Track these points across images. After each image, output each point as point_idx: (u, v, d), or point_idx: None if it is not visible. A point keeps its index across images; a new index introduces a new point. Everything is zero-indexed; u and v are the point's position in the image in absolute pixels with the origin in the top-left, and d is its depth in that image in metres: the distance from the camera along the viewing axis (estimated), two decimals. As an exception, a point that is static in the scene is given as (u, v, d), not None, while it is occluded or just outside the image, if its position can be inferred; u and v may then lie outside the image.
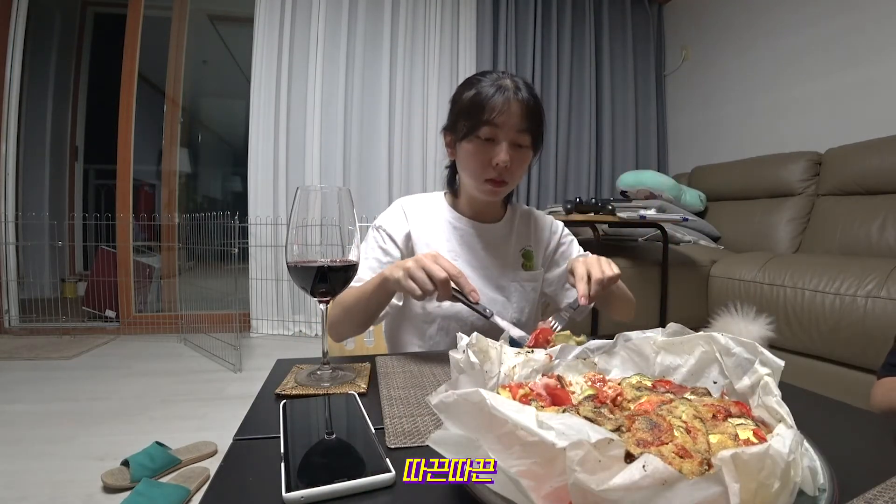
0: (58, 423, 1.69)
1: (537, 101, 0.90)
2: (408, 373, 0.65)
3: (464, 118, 0.89)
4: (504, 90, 0.86)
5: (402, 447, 0.44)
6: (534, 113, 0.88)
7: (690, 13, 3.43)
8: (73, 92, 4.03)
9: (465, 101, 0.89)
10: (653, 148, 3.57)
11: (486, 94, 0.86)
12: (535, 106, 0.88)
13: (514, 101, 0.86)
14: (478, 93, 0.87)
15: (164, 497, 1.21)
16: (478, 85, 0.89)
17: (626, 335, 0.52)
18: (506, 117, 0.85)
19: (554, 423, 0.28)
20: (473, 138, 0.87)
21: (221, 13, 4.30)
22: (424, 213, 1.00)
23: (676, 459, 0.31)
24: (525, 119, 0.87)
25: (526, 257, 1.02)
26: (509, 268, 0.99)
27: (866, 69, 2.30)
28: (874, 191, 2.14)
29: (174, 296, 3.20)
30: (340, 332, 0.90)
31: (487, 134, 0.86)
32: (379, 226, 0.98)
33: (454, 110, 0.93)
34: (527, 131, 0.88)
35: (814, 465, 0.33)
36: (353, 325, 0.87)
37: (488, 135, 0.86)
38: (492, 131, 0.86)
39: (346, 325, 0.87)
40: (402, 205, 1.01)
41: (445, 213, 1.00)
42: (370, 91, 3.13)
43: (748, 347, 0.42)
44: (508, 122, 0.86)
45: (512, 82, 0.88)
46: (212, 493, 0.36)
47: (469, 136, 0.88)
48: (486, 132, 0.86)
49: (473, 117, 0.87)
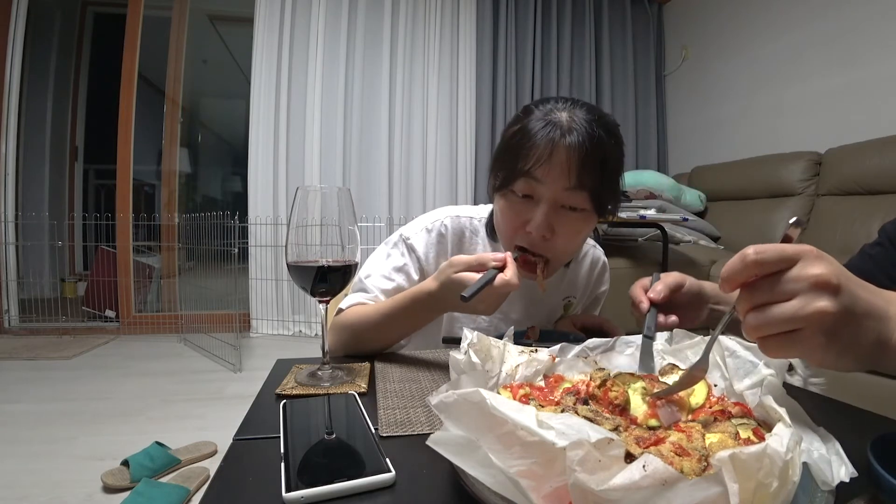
0: (58, 423, 1.69)
1: (601, 144, 0.64)
2: (404, 368, 0.66)
3: (501, 163, 0.70)
4: (552, 127, 0.63)
5: (394, 436, 0.45)
6: (594, 163, 0.64)
7: (690, 13, 3.43)
8: (73, 92, 4.03)
9: (507, 139, 0.70)
10: (653, 148, 3.57)
11: (530, 133, 0.65)
12: (595, 152, 0.63)
13: (562, 147, 0.63)
14: (522, 128, 0.66)
15: (163, 497, 1.21)
16: (527, 118, 0.67)
17: (626, 339, 0.53)
18: (547, 169, 0.63)
19: (554, 423, 0.28)
20: (508, 192, 0.68)
21: (221, 13, 4.30)
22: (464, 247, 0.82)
23: (675, 458, 0.31)
24: (577, 173, 0.63)
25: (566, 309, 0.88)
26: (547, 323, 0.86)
27: (866, 69, 2.30)
28: (874, 191, 2.14)
29: (174, 296, 3.20)
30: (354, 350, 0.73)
31: (524, 189, 0.66)
32: (411, 244, 0.80)
33: (500, 147, 0.73)
34: (581, 188, 0.64)
35: (816, 462, 0.33)
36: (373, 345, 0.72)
37: (525, 190, 0.66)
38: (529, 186, 0.66)
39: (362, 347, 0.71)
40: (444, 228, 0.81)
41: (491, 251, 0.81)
42: (370, 91, 3.13)
43: (754, 350, 0.43)
44: (551, 174, 0.64)
45: (568, 116, 0.64)
46: (212, 493, 0.36)
47: (503, 190, 0.69)
48: (523, 187, 0.66)
49: (509, 164, 0.67)
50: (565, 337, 0.70)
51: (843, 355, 0.35)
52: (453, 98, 3.21)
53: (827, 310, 0.33)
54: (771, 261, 0.34)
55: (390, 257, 0.80)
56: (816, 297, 0.33)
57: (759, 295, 0.35)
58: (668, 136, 3.66)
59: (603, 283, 0.94)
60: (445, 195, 3.17)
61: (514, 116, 0.73)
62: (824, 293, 0.33)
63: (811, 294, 0.33)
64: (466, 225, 0.83)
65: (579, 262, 0.89)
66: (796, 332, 0.33)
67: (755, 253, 0.34)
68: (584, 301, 0.93)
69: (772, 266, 0.34)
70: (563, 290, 0.87)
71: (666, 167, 3.61)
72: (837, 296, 0.33)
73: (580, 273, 0.89)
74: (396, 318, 0.68)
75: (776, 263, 0.34)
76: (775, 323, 0.34)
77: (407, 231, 0.81)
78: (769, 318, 0.34)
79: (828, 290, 0.33)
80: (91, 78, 4.16)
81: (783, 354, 0.35)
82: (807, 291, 0.33)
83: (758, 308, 0.35)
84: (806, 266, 0.34)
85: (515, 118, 0.72)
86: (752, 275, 0.35)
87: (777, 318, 0.33)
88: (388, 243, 0.83)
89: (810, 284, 0.33)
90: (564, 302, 0.88)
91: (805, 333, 0.33)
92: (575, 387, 0.46)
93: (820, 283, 0.33)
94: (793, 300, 0.33)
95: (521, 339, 0.65)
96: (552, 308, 0.88)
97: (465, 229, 0.83)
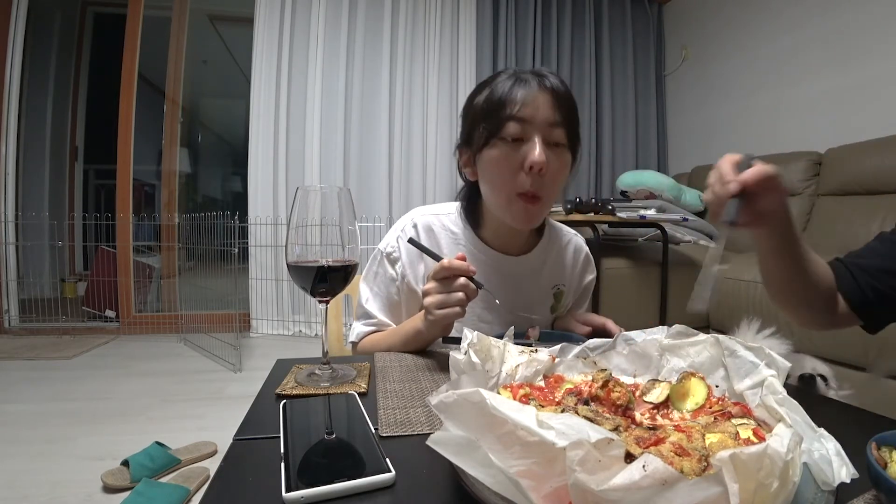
0: (58, 423, 1.69)
1: (568, 90, 0.75)
2: (404, 368, 0.66)
3: (482, 122, 0.75)
4: (526, 81, 0.73)
5: (394, 436, 0.45)
6: (568, 103, 0.74)
7: (690, 13, 3.43)
8: (73, 92, 4.03)
9: (481, 104, 0.76)
10: (653, 148, 3.57)
11: (506, 88, 0.73)
12: (567, 95, 0.74)
13: (542, 91, 0.72)
14: (493, 90, 0.74)
15: (163, 497, 1.21)
16: (492, 83, 0.76)
17: (626, 335, 0.52)
18: (533, 109, 0.71)
19: (554, 423, 0.28)
20: (497, 141, 0.73)
21: (221, 13, 4.30)
22: (440, 240, 0.86)
23: (675, 458, 0.31)
24: (558, 110, 0.72)
25: (556, 298, 0.89)
26: (537, 307, 0.87)
27: (866, 69, 2.30)
28: (874, 191, 2.14)
29: (174, 296, 3.19)
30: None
31: (515, 132, 0.72)
32: (389, 253, 0.85)
33: (468, 120, 0.79)
34: (562, 125, 0.73)
35: (817, 463, 0.33)
36: None
37: (516, 133, 0.72)
38: (519, 128, 0.72)
39: None
40: (415, 227, 0.86)
41: (465, 240, 0.85)
42: (370, 91, 3.13)
43: (755, 351, 0.42)
44: (538, 114, 0.71)
45: (531, 72, 0.75)
46: (212, 493, 0.36)
47: (492, 140, 0.73)
48: (513, 130, 0.72)
49: (493, 117, 0.73)
50: (566, 337, 0.70)
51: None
52: (453, 98, 3.21)
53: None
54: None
55: (378, 276, 0.87)
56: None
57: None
58: (668, 136, 3.66)
59: (589, 272, 0.95)
60: (445, 195, 3.16)
61: (473, 91, 0.81)
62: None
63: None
64: (433, 221, 0.87)
65: (564, 248, 0.92)
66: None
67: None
68: (574, 290, 0.93)
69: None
70: (549, 275, 0.89)
71: (666, 167, 3.61)
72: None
73: (566, 259, 0.92)
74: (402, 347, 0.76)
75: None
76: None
77: (383, 245, 0.87)
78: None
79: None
80: (91, 78, 4.16)
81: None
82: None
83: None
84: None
85: (478, 88, 0.79)
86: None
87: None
88: (373, 261, 0.88)
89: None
90: (554, 290, 0.89)
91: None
92: (577, 388, 0.46)
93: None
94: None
95: (521, 339, 0.66)
96: (539, 295, 0.88)
97: (432, 225, 0.87)
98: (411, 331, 0.74)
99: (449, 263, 0.67)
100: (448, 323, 0.68)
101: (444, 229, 0.87)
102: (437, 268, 0.68)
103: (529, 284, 0.87)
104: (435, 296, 0.67)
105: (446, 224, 0.87)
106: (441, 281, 0.68)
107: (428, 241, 0.84)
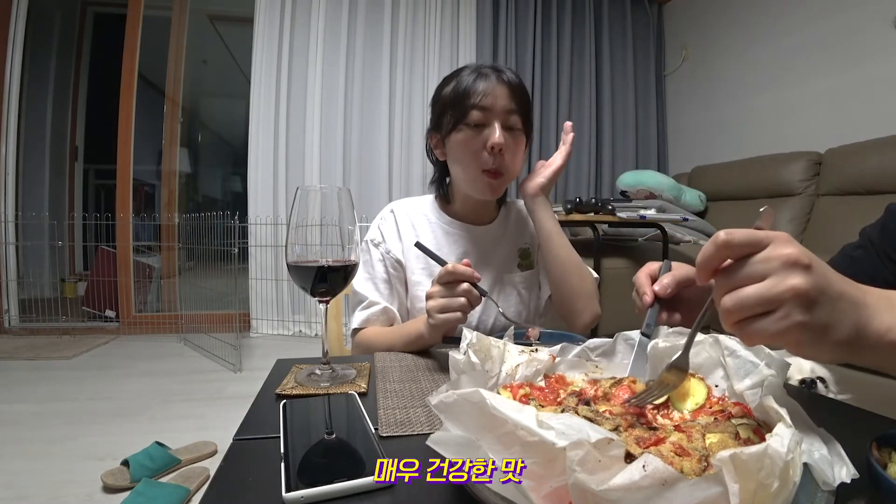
0: (58, 423, 1.69)
1: (522, 83, 0.89)
2: (404, 368, 0.66)
3: (450, 110, 0.87)
4: (486, 75, 0.85)
5: (394, 436, 0.45)
6: (521, 94, 0.87)
7: (690, 13, 3.43)
8: (73, 92, 4.03)
9: (448, 95, 0.88)
10: (653, 148, 3.58)
11: (469, 81, 0.85)
12: (521, 87, 0.88)
13: (499, 84, 0.85)
14: (459, 83, 0.86)
15: (163, 497, 1.21)
16: (457, 77, 0.88)
17: (625, 334, 0.52)
18: (492, 99, 0.84)
19: (554, 423, 0.28)
20: (462, 126, 0.85)
21: (221, 13, 4.30)
22: (414, 220, 0.97)
23: (675, 458, 0.31)
24: (513, 100, 0.85)
25: (522, 256, 1.00)
26: (504, 270, 0.97)
27: (866, 69, 2.30)
28: (874, 191, 2.14)
29: (174, 296, 3.19)
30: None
31: (477, 119, 0.84)
32: (372, 239, 0.96)
33: (437, 109, 0.92)
34: (517, 112, 0.86)
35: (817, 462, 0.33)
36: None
37: (478, 119, 0.84)
38: (481, 115, 0.84)
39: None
40: (392, 212, 0.98)
41: (436, 218, 0.98)
42: (370, 91, 3.13)
43: (755, 350, 0.42)
44: (497, 103, 0.84)
45: (491, 67, 0.87)
46: (212, 493, 0.36)
47: (458, 125, 0.86)
48: (476, 117, 0.84)
49: (459, 106, 0.85)
50: (566, 337, 0.70)
51: (820, 340, 0.34)
52: (453, 98, 3.21)
53: (800, 286, 0.32)
54: (741, 242, 0.34)
55: (366, 263, 0.95)
56: (789, 275, 0.32)
57: (731, 277, 0.34)
58: (668, 136, 3.66)
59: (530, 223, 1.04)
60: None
61: (440, 84, 0.92)
62: (796, 270, 0.33)
63: (783, 272, 0.33)
64: (408, 208, 0.99)
65: (518, 212, 1.03)
66: (772, 313, 0.33)
67: (725, 234, 0.34)
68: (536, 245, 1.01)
69: (742, 248, 0.34)
70: (513, 238, 1.00)
71: (666, 167, 3.61)
72: (809, 273, 0.33)
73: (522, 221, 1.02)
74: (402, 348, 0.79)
75: (747, 246, 0.34)
76: (749, 304, 0.33)
77: (368, 235, 0.98)
78: (742, 298, 0.33)
79: (799, 268, 0.33)
80: (91, 78, 4.16)
81: (761, 339, 0.34)
82: (779, 270, 0.33)
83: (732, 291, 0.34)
84: (776, 247, 0.33)
85: (444, 82, 0.91)
86: (724, 257, 0.35)
87: (751, 298, 0.33)
88: (362, 253, 0.95)
89: (782, 263, 0.33)
90: (519, 251, 0.99)
91: (780, 314, 0.33)
92: (582, 391, 0.46)
93: (791, 261, 0.33)
94: (766, 279, 0.33)
95: (521, 339, 0.66)
96: (508, 256, 0.98)
97: (407, 211, 0.99)
98: (413, 333, 0.77)
99: (453, 268, 0.69)
100: (450, 327, 0.71)
101: (418, 213, 0.98)
102: (442, 272, 0.70)
103: (498, 248, 0.98)
104: (438, 300, 0.69)
105: (420, 209, 0.99)
106: (445, 285, 0.70)
107: (403, 223, 0.96)
